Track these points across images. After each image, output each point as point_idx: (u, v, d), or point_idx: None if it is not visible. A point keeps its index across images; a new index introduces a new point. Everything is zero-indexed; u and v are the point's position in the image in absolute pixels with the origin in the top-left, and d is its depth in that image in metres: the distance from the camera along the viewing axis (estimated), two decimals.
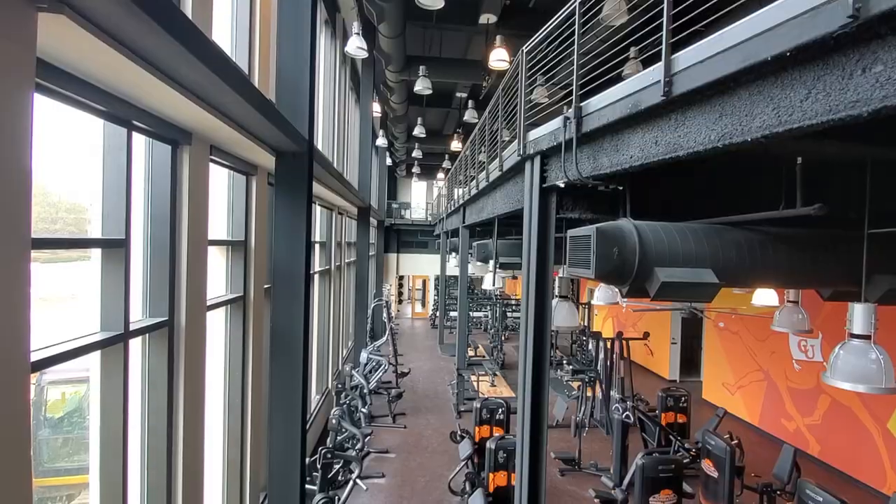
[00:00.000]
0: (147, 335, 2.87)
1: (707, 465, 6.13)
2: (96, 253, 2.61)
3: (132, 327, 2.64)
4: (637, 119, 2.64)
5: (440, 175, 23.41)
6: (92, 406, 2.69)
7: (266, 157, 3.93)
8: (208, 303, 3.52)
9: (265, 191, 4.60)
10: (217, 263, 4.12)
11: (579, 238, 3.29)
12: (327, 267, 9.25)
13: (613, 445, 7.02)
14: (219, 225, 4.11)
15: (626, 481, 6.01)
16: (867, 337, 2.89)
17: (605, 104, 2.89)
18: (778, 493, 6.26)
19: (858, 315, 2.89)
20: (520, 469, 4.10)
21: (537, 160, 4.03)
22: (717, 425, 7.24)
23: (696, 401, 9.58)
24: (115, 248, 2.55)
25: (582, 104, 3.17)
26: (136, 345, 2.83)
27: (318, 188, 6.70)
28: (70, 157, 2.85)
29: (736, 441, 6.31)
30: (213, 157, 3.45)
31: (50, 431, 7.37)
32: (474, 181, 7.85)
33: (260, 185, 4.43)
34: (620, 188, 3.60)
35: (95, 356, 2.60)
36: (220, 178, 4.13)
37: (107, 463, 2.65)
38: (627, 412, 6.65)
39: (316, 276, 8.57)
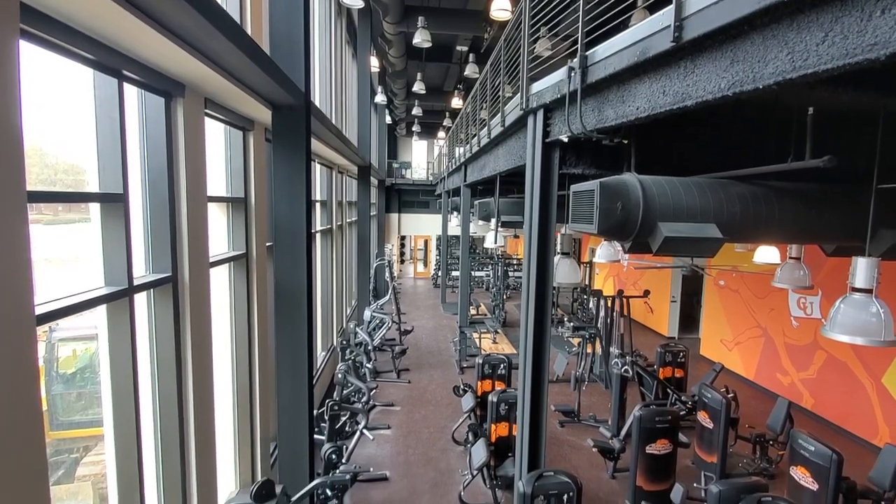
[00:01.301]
0: (151, 290, 2.90)
1: (703, 417, 6.31)
2: (96, 211, 2.59)
3: (136, 283, 2.65)
4: (644, 68, 2.55)
5: (441, 134, 23.02)
6: (102, 361, 2.75)
7: (263, 111, 3.84)
8: (211, 259, 3.53)
9: (263, 147, 4.53)
10: (218, 221, 4.11)
11: (582, 193, 3.25)
12: (329, 226, 9.23)
13: (612, 398, 7.21)
14: (218, 182, 4.07)
15: (623, 432, 6.21)
16: (869, 291, 2.90)
17: (611, 52, 2.78)
18: (770, 442, 6.47)
19: (861, 269, 2.89)
20: (521, 420, 4.23)
21: (540, 114, 3.94)
22: (714, 379, 7.40)
23: (693, 357, 9.76)
24: (113, 202, 2.53)
25: (587, 53, 3.06)
26: (141, 300, 2.86)
27: (316, 145, 6.59)
28: (63, 114, 2.79)
29: (732, 394, 6.48)
30: (207, 111, 3.37)
31: (63, 387, 7.61)
32: (475, 138, 7.71)
33: (258, 141, 4.35)
34: (625, 142, 3.52)
35: (102, 312, 2.63)
36: (216, 134, 4.05)
37: (119, 415, 2.73)
38: (626, 367, 6.79)
39: (318, 236, 8.57)
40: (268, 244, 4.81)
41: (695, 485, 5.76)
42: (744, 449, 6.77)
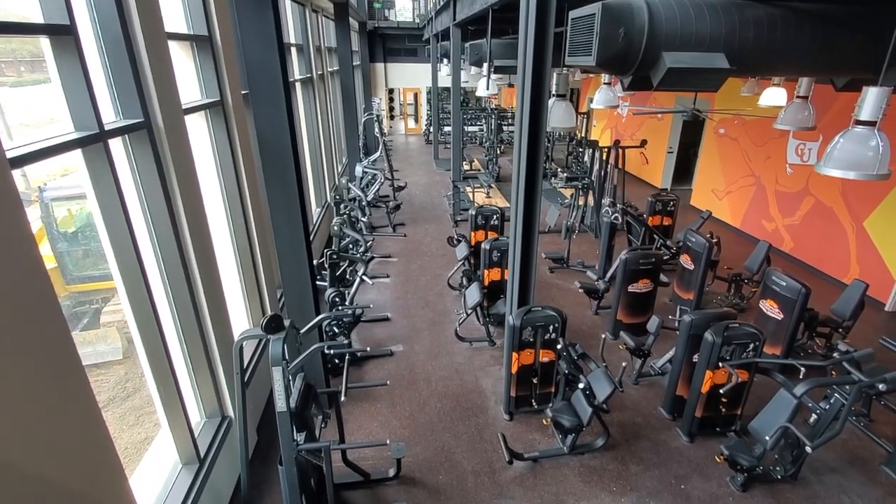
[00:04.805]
0: (126, 137, 2.76)
1: (685, 260, 6.64)
2: (49, 54, 2.34)
3: (108, 128, 2.51)
4: None
5: None
6: (95, 214, 2.74)
7: None
8: (184, 106, 3.32)
9: None
10: (185, 65, 3.78)
11: (582, 19, 2.94)
12: (308, 75, 8.60)
13: (600, 245, 7.51)
14: (177, 19, 3.64)
15: (608, 274, 6.58)
16: (873, 123, 2.81)
17: None
18: (745, 281, 6.91)
19: (870, 99, 2.76)
20: (512, 262, 4.42)
21: None
22: (701, 226, 7.62)
23: (683, 207, 9.95)
24: (61, 35, 2.26)
25: None
26: (117, 148, 2.75)
27: None
28: None
29: (716, 239, 6.73)
30: None
31: (68, 245, 7.88)
32: None
33: None
34: None
35: (80, 162, 2.54)
36: None
37: (123, 264, 2.81)
38: (616, 214, 6.93)
39: (297, 85, 8.03)
40: (244, 92, 4.51)
41: (670, 317, 6.29)
42: (720, 288, 7.26)
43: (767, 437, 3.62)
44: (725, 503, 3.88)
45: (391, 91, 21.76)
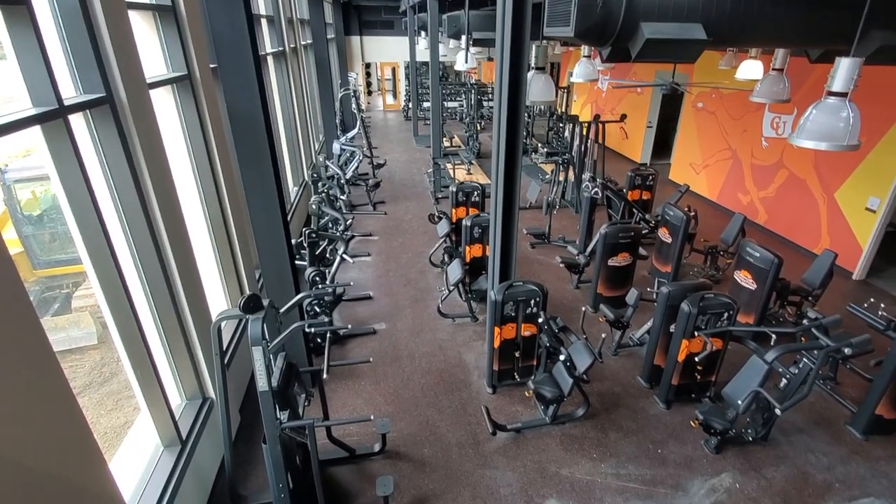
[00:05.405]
0: (88, 112, 2.64)
1: (663, 233, 6.74)
2: (3, 30, 2.20)
3: (67, 103, 2.39)
4: None
5: None
6: (59, 194, 2.63)
7: None
8: (149, 80, 3.18)
9: None
10: (149, 37, 3.61)
11: None
12: (281, 48, 8.32)
13: (581, 220, 7.56)
14: None
15: (589, 249, 6.65)
16: (844, 94, 2.84)
17: None
18: (721, 253, 7.06)
19: (842, 70, 2.78)
20: (493, 237, 4.42)
21: None
22: (679, 199, 7.73)
23: (662, 181, 10.04)
24: (14, 4, 2.12)
25: None
26: (79, 124, 2.63)
27: None
28: None
29: (693, 213, 6.83)
30: None
31: (34, 228, 7.60)
32: None
33: None
34: None
35: (41, 141, 2.43)
36: None
37: (91, 245, 2.71)
38: (596, 189, 6.97)
39: (269, 59, 7.77)
40: (212, 66, 4.34)
41: (648, 289, 6.41)
42: (697, 260, 7.41)
43: (740, 402, 3.75)
44: (700, 465, 4.03)
45: (368, 66, 21.22)
